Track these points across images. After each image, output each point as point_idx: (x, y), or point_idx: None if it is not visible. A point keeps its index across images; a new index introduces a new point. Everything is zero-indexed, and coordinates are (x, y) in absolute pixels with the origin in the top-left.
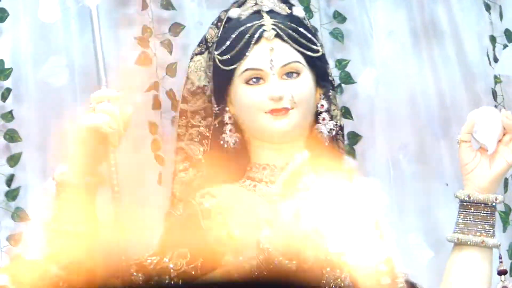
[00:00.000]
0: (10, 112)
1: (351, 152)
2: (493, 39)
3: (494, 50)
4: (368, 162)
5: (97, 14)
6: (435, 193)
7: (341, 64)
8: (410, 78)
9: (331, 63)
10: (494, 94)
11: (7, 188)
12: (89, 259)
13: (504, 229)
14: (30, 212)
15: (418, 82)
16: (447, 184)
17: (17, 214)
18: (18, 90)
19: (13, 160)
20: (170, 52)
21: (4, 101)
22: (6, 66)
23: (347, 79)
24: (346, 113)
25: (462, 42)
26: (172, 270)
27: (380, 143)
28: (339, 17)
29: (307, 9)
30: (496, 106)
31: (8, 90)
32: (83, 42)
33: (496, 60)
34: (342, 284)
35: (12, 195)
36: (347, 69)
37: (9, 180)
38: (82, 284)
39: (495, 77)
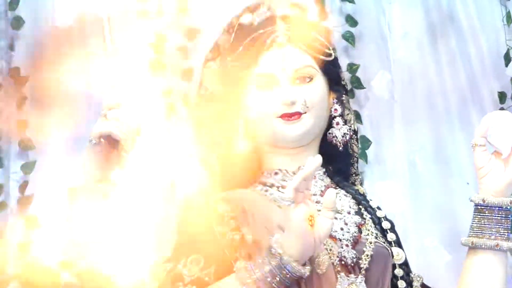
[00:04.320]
0: (25, 121)
1: (363, 156)
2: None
3: (508, 49)
4: (387, 164)
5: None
6: (455, 192)
7: (352, 68)
8: (428, 76)
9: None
10: (502, 97)
11: (20, 195)
12: (102, 267)
13: None
14: (42, 219)
15: (436, 80)
16: (468, 183)
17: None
18: (33, 97)
19: (28, 167)
20: (186, 57)
21: (20, 109)
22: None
23: (358, 84)
24: (357, 117)
25: (480, 38)
26: (185, 277)
27: (398, 145)
28: (350, 20)
29: (321, 12)
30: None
31: (24, 98)
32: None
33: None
34: None
35: (25, 201)
36: (364, 70)
37: (23, 186)
38: None
39: None
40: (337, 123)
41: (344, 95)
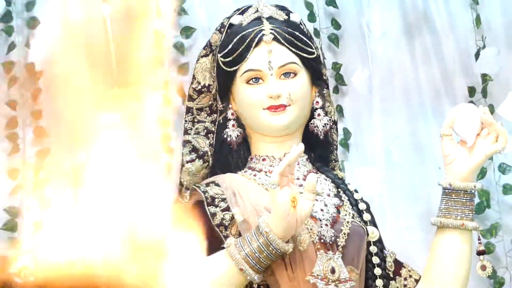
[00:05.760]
0: (40, 111)
1: (346, 147)
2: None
3: (479, 49)
4: (366, 152)
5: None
6: (428, 177)
7: (336, 67)
8: (404, 72)
9: (329, 64)
10: (472, 91)
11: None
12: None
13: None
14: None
15: (412, 75)
16: (439, 168)
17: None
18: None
19: (42, 153)
20: (183, 53)
21: (35, 100)
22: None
23: (341, 81)
24: (339, 111)
25: (452, 38)
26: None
27: (376, 134)
28: (335, 24)
29: (311, 14)
30: (473, 102)
31: (39, 90)
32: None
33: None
34: (335, 264)
35: (39, 184)
36: (346, 67)
37: (37, 170)
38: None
39: (483, 75)
40: (319, 114)
41: (325, 89)
